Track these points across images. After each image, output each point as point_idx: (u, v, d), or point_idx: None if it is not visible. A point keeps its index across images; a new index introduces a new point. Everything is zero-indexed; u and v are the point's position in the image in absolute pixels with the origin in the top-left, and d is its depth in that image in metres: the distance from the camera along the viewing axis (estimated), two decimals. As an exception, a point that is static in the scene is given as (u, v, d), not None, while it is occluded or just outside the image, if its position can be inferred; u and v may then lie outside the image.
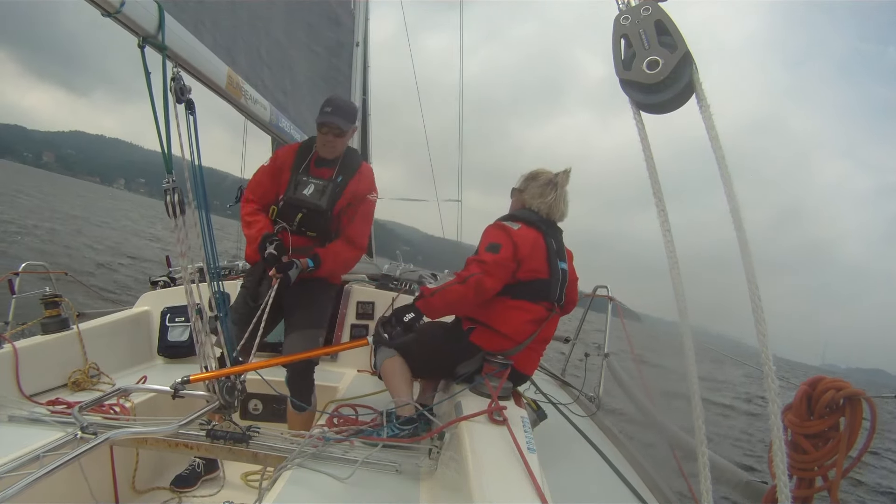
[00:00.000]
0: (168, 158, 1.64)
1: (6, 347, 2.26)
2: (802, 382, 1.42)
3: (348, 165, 2.40)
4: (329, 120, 2.25)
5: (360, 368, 3.33)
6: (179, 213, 1.67)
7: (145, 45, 1.52)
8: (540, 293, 2.06)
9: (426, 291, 1.98)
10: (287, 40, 2.70)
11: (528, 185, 2.20)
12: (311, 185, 2.33)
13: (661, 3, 1.05)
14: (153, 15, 1.51)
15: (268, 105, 2.35)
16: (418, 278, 4.05)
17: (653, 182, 1.02)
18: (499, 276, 1.95)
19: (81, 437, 1.62)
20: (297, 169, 2.36)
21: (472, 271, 1.92)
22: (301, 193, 2.31)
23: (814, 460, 1.37)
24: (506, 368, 1.96)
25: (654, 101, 1.05)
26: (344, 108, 2.31)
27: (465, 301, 1.93)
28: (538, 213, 2.14)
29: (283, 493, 1.50)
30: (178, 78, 1.63)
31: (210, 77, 1.84)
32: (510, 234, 2.01)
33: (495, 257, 1.94)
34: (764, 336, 0.91)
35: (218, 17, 1.97)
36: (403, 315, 1.97)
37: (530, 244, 2.02)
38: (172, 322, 3.10)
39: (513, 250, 1.97)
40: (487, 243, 2.01)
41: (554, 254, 2.09)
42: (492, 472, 1.35)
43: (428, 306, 1.96)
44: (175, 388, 1.78)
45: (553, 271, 2.07)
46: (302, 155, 2.39)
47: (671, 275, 0.98)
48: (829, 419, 1.35)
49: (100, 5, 1.35)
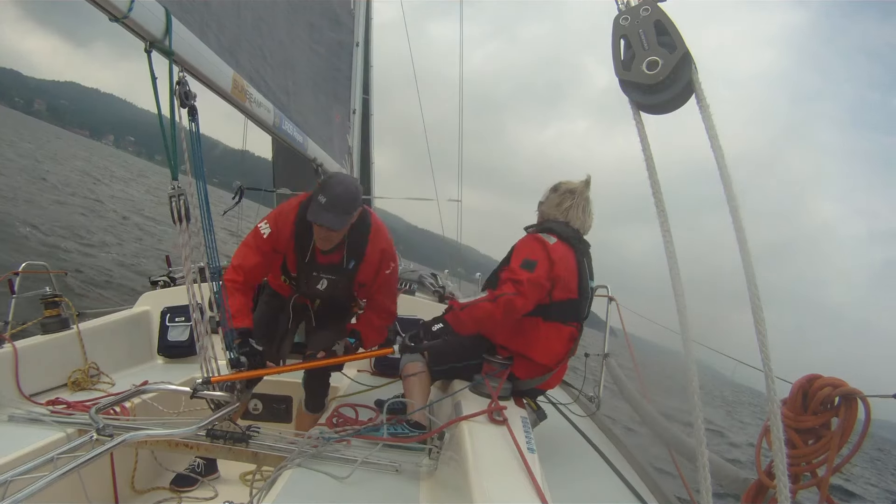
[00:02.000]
0: (174, 165, 1.63)
1: (6, 347, 2.25)
2: (799, 378, 1.42)
3: (356, 245, 2.12)
4: (323, 220, 1.90)
5: (360, 368, 3.33)
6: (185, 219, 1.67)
7: (152, 50, 1.50)
8: (571, 314, 2.03)
9: (456, 305, 1.98)
10: (289, 40, 2.69)
11: (549, 196, 2.17)
12: (324, 280, 2.16)
13: (661, 3, 1.05)
14: (160, 19, 1.49)
15: (272, 108, 2.34)
16: (418, 278, 4.05)
17: (652, 183, 1.02)
18: (532, 297, 1.87)
19: (97, 438, 1.61)
20: (301, 256, 2.11)
21: (505, 291, 1.86)
22: (315, 289, 2.19)
23: (802, 455, 1.38)
24: (506, 368, 1.96)
25: (653, 101, 1.05)
26: (344, 201, 1.92)
27: (493, 320, 1.88)
28: (570, 225, 2.07)
29: (282, 493, 1.50)
30: (184, 82, 1.63)
31: (215, 81, 1.83)
32: (547, 248, 1.93)
33: (530, 276, 1.86)
34: (763, 336, 0.91)
35: (222, 18, 1.96)
36: (432, 326, 1.96)
37: (565, 262, 1.96)
38: (172, 322, 3.10)
39: (548, 268, 1.90)
40: (522, 259, 1.91)
41: (585, 272, 2.04)
42: (492, 472, 1.35)
43: (457, 320, 1.94)
44: (195, 388, 1.78)
45: (583, 291, 2.03)
46: (302, 237, 2.09)
47: (671, 274, 0.98)
48: (822, 416, 1.35)
49: (107, 10, 1.34)
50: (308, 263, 2.12)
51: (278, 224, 2.08)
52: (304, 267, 2.14)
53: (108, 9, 1.33)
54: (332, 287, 2.18)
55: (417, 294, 3.94)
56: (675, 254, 0.99)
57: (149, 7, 1.44)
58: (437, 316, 2.02)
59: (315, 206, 1.91)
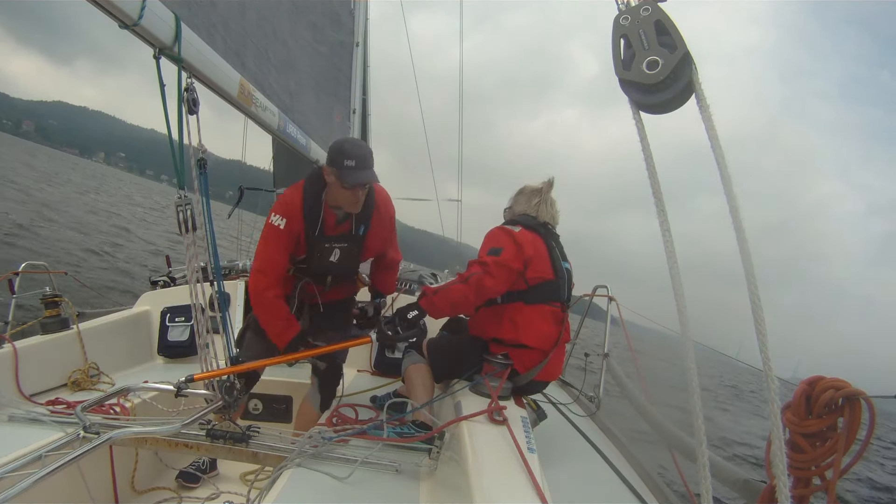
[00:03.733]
0: (181, 173, 1.63)
1: (6, 347, 2.26)
2: (801, 381, 1.42)
3: (364, 210, 2.14)
4: (365, 179, 1.95)
5: (360, 368, 3.33)
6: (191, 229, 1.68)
7: (160, 57, 1.50)
8: (550, 294, 2.08)
9: (429, 290, 2.03)
10: (293, 40, 2.69)
11: (517, 199, 2.28)
12: (336, 250, 2.15)
13: (661, 3, 1.05)
14: (170, 26, 1.49)
15: (276, 111, 2.33)
16: (418, 278, 4.05)
17: (652, 183, 1.02)
18: (500, 278, 1.96)
19: (84, 436, 1.62)
20: (311, 233, 2.10)
21: (473, 271, 1.95)
22: (328, 261, 2.16)
23: (811, 460, 1.37)
24: (506, 368, 1.96)
25: (653, 101, 1.05)
26: (369, 156, 1.98)
27: (467, 301, 1.95)
28: (535, 217, 2.18)
29: (282, 493, 1.50)
30: (192, 89, 1.62)
31: (222, 87, 1.82)
32: (512, 235, 2.03)
33: (496, 259, 1.96)
34: (763, 336, 0.91)
35: (228, 20, 1.96)
36: (407, 313, 2.03)
37: (533, 245, 2.04)
38: (172, 322, 3.11)
39: (515, 251, 1.99)
40: (489, 247, 2.02)
41: (556, 254, 2.12)
42: (492, 472, 1.35)
43: (431, 305, 2.01)
44: (178, 386, 1.78)
45: (558, 271, 2.09)
46: (311, 216, 2.09)
47: (670, 273, 0.98)
48: (827, 419, 1.35)
49: (117, 17, 1.32)
50: (318, 237, 2.10)
51: (288, 211, 2.05)
52: (316, 242, 2.10)
53: (118, 16, 1.32)
54: (345, 256, 2.17)
55: (417, 294, 3.94)
56: (674, 254, 0.99)
57: (159, 13, 1.44)
58: (412, 303, 2.07)
59: (348, 171, 1.91)
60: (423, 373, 2.16)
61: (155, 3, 1.42)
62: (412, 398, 2.13)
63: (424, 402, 2.07)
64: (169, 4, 1.50)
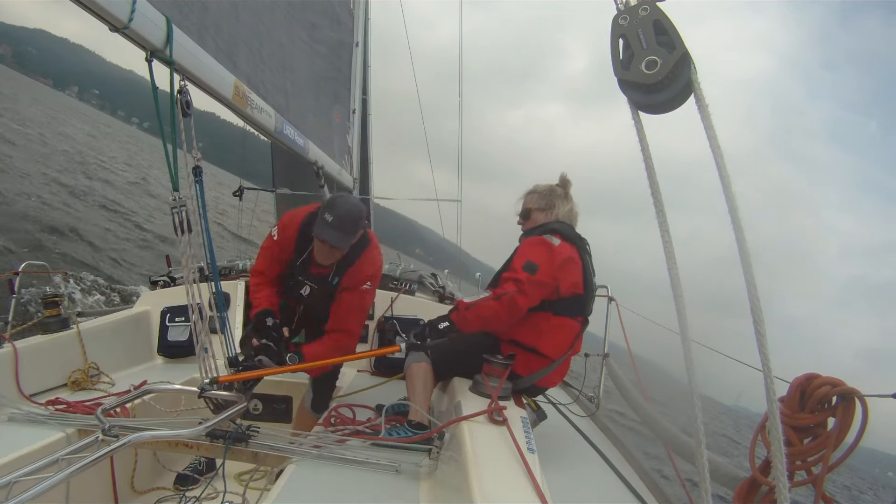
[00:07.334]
0: (175, 176, 1.63)
1: (6, 347, 2.26)
2: (798, 376, 1.42)
3: (345, 263, 2.19)
4: (326, 236, 1.99)
5: (359, 368, 3.33)
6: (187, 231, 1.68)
7: (153, 59, 1.49)
8: (578, 309, 2.09)
9: (461, 305, 2.05)
10: (289, 40, 2.69)
11: (553, 201, 2.18)
12: (307, 287, 2.24)
13: (660, 2, 1.04)
14: (161, 29, 1.48)
15: (272, 112, 2.33)
16: (418, 278, 4.05)
17: (651, 184, 1.02)
18: (533, 295, 1.93)
19: (103, 439, 1.61)
20: (296, 258, 2.22)
21: (507, 289, 1.92)
22: (298, 293, 2.27)
23: (798, 453, 1.38)
24: (506, 368, 1.96)
25: (652, 101, 1.05)
26: (347, 222, 2.00)
27: (498, 318, 1.94)
28: (571, 225, 2.15)
29: (282, 493, 1.51)
30: (185, 91, 1.62)
31: (217, 89, 1.82)
32: (552, 250, 1.98)
33: (531, 277, 1.92)
34: (763, 336, 0.91)
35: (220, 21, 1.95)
36: (438, 324, 2.04)
37: (571, 261, 2.02)
38: (172, 322, 3.11)
39: (551, 270, 1.95)
40: (525, 261, 1.96)
41: (590, 269, 2.12)
42: (492, 472, 1.35)
43: (462, 319, 2.01)
44: (202, 388, 1.78)
45: (588, 286, 2.09)
46: (302, 244, 2.21)
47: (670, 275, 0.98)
48: (819, 415, 1.36)
49: (107, 21, 1.32)
50: (299, 267, 2.24)
51: (285, 230, 2.25)
52: (294, 270, 2.25)
53: (108, 19, 1.32)
54: (314, 296, 2.25)
55: (417, 294, 3.94)
56: (674, 255, 0.99)
57: (149, 16, 1.43)
58: (443, 315, 2.08)
59: (321, 222, 2.00)
60: (425, 372, 2.16)
61: (145, 5, 1.41)
62: (411, 396, 2.13)
63: (424, 400, 2.07)
64: (159, 7, 1.49)
